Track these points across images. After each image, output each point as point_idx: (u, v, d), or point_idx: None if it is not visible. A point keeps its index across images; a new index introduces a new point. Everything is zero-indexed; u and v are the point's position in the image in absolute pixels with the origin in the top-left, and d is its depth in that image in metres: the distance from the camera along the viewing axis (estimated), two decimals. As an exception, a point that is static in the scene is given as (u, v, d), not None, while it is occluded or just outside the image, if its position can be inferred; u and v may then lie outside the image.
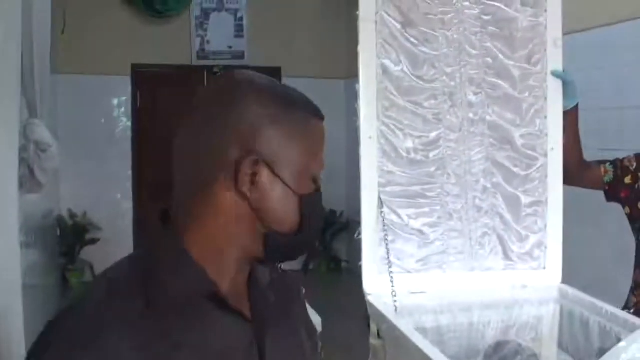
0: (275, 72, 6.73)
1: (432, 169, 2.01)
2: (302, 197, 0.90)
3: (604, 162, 2.20)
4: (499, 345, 1.95)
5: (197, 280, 0.87)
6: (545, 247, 2.15)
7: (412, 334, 1.64)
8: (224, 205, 0.88)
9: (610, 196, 2.19)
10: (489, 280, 2.08)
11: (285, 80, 7.08)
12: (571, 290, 2.11)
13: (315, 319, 4.01)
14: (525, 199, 2.11)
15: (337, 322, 4.57)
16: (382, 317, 1.80)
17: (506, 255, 2.11)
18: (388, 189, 1.97)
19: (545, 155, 2.09)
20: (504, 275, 2.10)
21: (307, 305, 1.15)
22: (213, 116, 0.88)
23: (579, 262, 2.19)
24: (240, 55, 7.03)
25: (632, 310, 2.03)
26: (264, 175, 0.87)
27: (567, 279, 2.15)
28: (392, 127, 1.97)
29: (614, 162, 2.18)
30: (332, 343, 4.10)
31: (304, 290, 1.14)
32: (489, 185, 2.08)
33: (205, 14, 6.90)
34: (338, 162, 7.26)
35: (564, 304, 2.11)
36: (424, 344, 1.57)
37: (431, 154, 2.01)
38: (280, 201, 0.89)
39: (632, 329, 1.76)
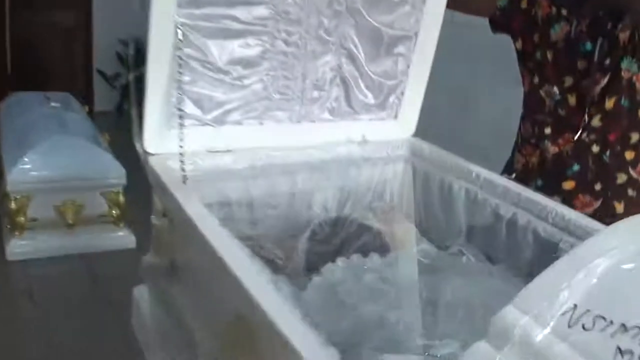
0: None
1: (263, -20, 1.39)
2: None
3: None
4: (335, 222, 1.54)
5: None
6: (402, 93, 1.71)
7: (198, 215, 1.14)
8: None
9: (499, 25, 1.73)
10: (320, 135, 1.60)
11: None
12: (427, 147, 1.70)
13: (120, 171, 3.54)
14: (388, 32, 1.60)
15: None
16: (165, 190, 1.29)
17: (348, 104, 1.63)
18: (191, 10, 1.33)
19: None
20: (341, 128, 1.63)
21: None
22: None
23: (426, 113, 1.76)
24: None
25: (514, 175, 1.66)
26: None
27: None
28: None
29: None
30: (135, 192, 3.63)
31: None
32: (342, 10, 1.53)
33: None
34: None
35: (417, 163, 1.70)
36: (214, 231, 1.09)
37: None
38: None
39: (514, 200, 1.39)
